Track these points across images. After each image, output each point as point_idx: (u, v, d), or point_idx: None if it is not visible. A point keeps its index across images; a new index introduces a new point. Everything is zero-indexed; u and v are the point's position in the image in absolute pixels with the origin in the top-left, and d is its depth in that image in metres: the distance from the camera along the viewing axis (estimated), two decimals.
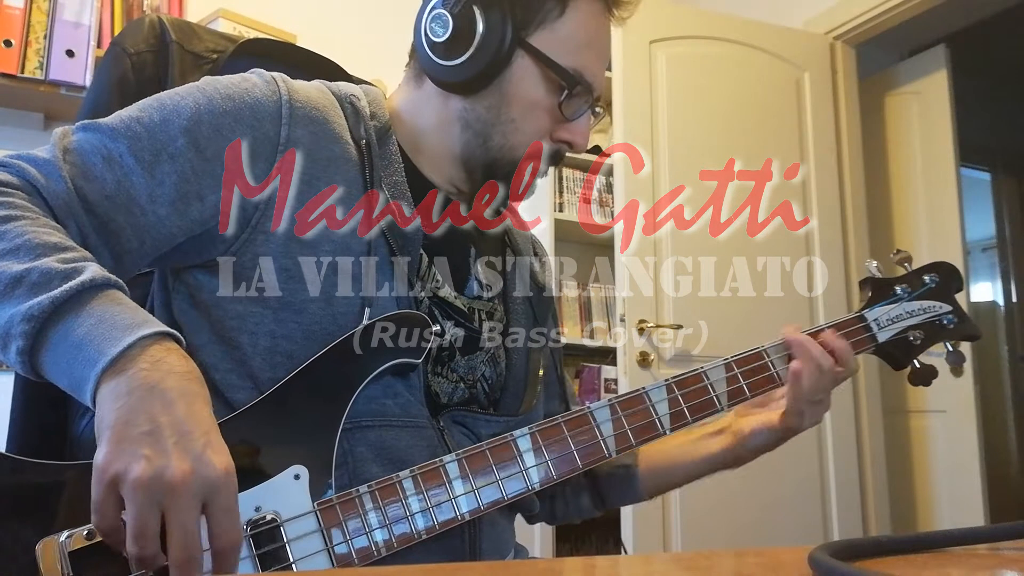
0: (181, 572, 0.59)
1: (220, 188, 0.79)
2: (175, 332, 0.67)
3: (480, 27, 0.84)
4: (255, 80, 0.84)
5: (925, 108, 3.31)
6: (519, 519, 0.98)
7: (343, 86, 0.92)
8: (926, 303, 0.99)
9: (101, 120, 0.78)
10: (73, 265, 0.66)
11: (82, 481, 0.63)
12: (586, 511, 1.07)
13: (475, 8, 0.84)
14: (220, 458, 0.61)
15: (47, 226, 0.70)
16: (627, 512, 2.44)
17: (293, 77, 0.89)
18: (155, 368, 0.62)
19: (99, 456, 0.59)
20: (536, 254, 1.06)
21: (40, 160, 0.75)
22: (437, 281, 0.88)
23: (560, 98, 0.87)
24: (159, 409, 0.60)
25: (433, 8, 0.87)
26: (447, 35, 0.85)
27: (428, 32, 0.87)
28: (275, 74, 0.86)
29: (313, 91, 0.87)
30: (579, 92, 0.87)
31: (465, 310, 0.90)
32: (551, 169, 0.95)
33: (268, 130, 0.81)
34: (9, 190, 0.71)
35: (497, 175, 0.90)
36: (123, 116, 0.79)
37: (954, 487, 3.11)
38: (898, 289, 0.99)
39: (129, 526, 0.58)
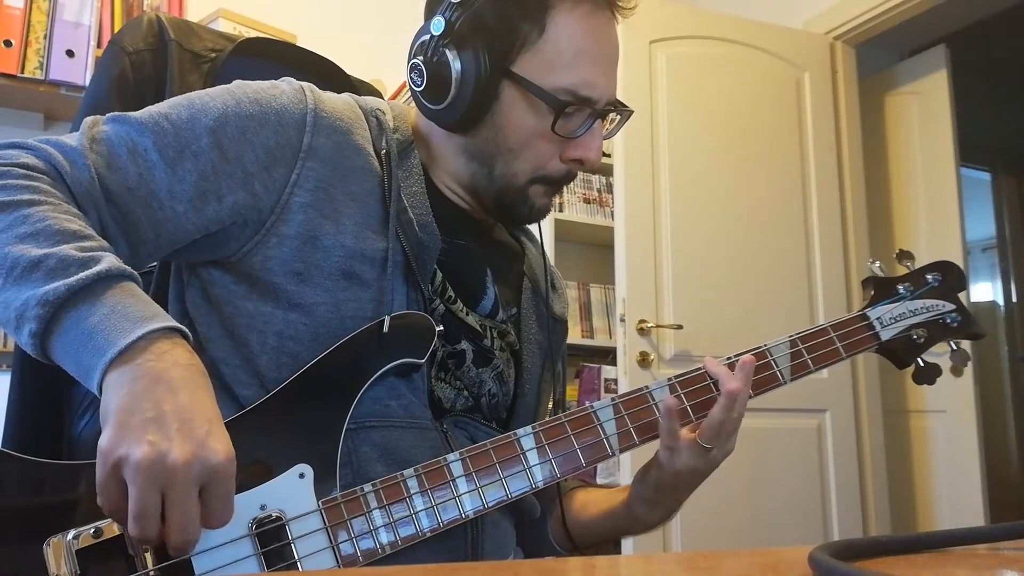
0: (177, 552, 0.62)
1: (239, 189, 0.79)
2: (183, 328, 0.68)
3: (455, 70, 0.83)
4: (284, 87, 0.85)
5: (925, 108, 3.31)
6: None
7: (370, 100, 0.92)
8: (929, 302, 0.98)
9: (131, 113, 0.80)
10: (91, 254, 0.68)
11: (87, 480, 0.65)
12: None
13: (448, 52, 0.83)
14: (221, 445, 0.62)
15: (69, 213, 0.72)
16: None
17: (292, 76, 0.89)
18: (161, 359, 0.64)
19: (103, 440, 0.60)
20: (553, 285, 1.04)
21: (67, 147, 0.76)
22: (450, 296, 0.88)
23: (553, 121, 0.84)
24: (163, 396, 0.62)
25: (411, 58, 0.88)
26: (424, 84, 0.86)
27: (410, 83, 0.88)
28: (305, 84, 0.87)
29: (340, 103, 0.88)
30: (572, 111, 0.85)
31: (477, 327, 0.90)
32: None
33: (291, 136, 0.82)
34: (35, 174, 0.73)
35: (505, 201, 0.89)
36: (152, 111, 0.80)
37: (954, 487, 3.11)
38: (900, 288, 0.99)
39: (131, 508, 0.60)
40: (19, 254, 0.67)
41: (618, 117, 0.92)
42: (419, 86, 0.87)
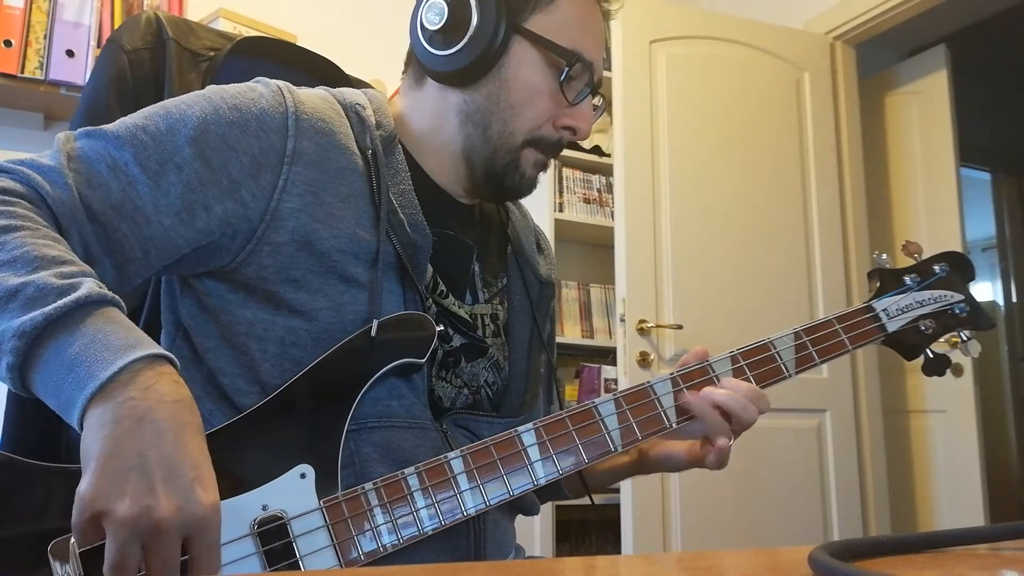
0: None
1: (227, 198, 0.78)
2: (168, 354, 0.65)
3: (474, 13, 0.85)
4: (261, 90, 0.84)
5: (925, 108, 3.31)
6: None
7: (347, 93, 0.91)
8: (937, 292, 0.97)
9: (105, 127, 0.78)
10: (70, 281, 0.65)
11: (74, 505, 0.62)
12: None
13: None
14: (207, 495, 0.60)
15: (47, 238, 0.69)
16: (627, 512, 2.44)
17: (290, 76, 0.89)
18: (144, 397, 0.61)
19: (83, 487, 0.58)
20: (539, 246, 1.06)
21: (45, 167, 0.74)
22: (442, 290, 0.88)
23: (560, 79, 0.87)
24: (147, 442, 0.59)
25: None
26: (442, 23, 0.86)
27: (424, 22, 0.88)
28: (280, 83, 0.85)
29: (319, 101, 0.87)
30: (579, 73, 0.88)
31: (468, 318, 0.90)
32: (550, 166, 0.95)
33: (275, 141, 0.81)
34: (12, 199, 0.71)
35: (497, 166, 0.89)
36: (128, 124, 0.78)
37: (954, 487, 3.11)
38: (907, 279, 0.97)
39: (108, 558, 0.58)
40: None
41: (595, 108, 0.94)
42: (435, 24, 0.86)
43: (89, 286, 0.65)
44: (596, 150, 3.11)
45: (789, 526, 2.62)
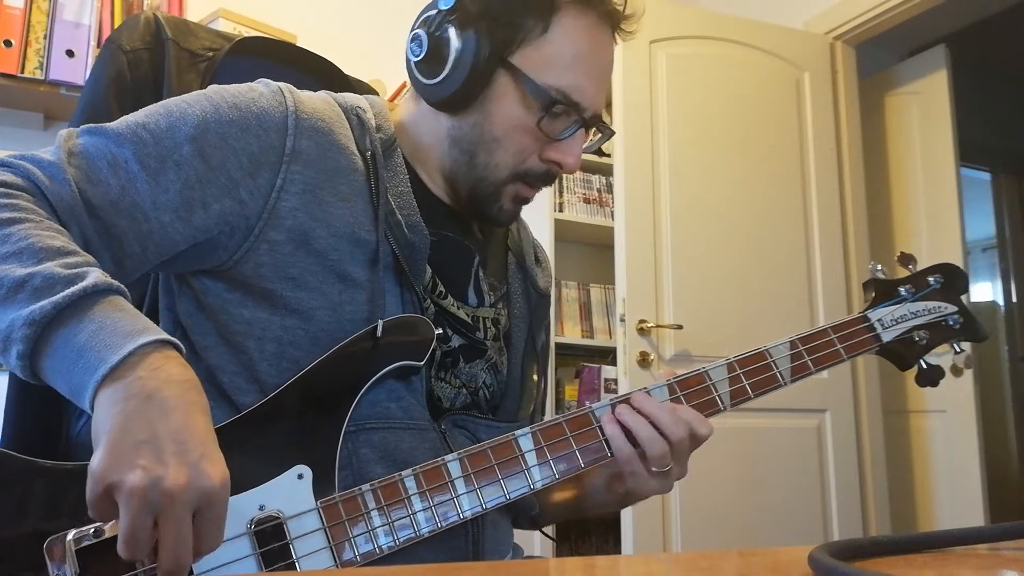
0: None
1: (224, 196, 0.79)
2: (175, 340, 0.66)
3: (455, 47, 0.84)
4: (262, 90, 0.84)
5: (925, 108, 3.30)
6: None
7: (349, 98, 0.92)
8: (931, 304, 0.98)
9: (107, 125, 0.78)
10: (76, 271, 0.66)
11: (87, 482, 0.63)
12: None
13: (451, 29, 0.85)
14: (216, 469, 0.61)
15: (51, 229, 0.70)
16: (627, 512, 2.44)
17: (290, 76, 0.89)
18: (153, 376, 0.62)
19: (95, 462, 0.59)
20: (537, 259, 1.06)
21: (45, 162, 0.75)
22: (441, 291, 0.88)
23: (540, 117, 0.85)
24: (156, 418, 0.60)
25: (414, 28, 0.89)
26: (423, 55, 0.86)
27: (409, 52, 0.89)
28: (281, 84, 0.86)
29: (319, 102, 0.87)
30: (561, 111, 0.86)
31: (468, 320, 0.90)
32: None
33: (274, 140, 0.81)
34: (14, 191, 0.72)
35: (479, 194, 0.89)
36: (129, 122, 0.79)
37: (954, 487, 3.11)
38: (902, 290, 0.99)
39: (122, 532, 0.58)
40: (2, 275, 0.65)
41: (599, 135, 0.93)
42: (417, 56, 0.87)
43: (95, 275, 0.66)
44: (596, 150, 3.11)
45: (789, 526, 2.62)
